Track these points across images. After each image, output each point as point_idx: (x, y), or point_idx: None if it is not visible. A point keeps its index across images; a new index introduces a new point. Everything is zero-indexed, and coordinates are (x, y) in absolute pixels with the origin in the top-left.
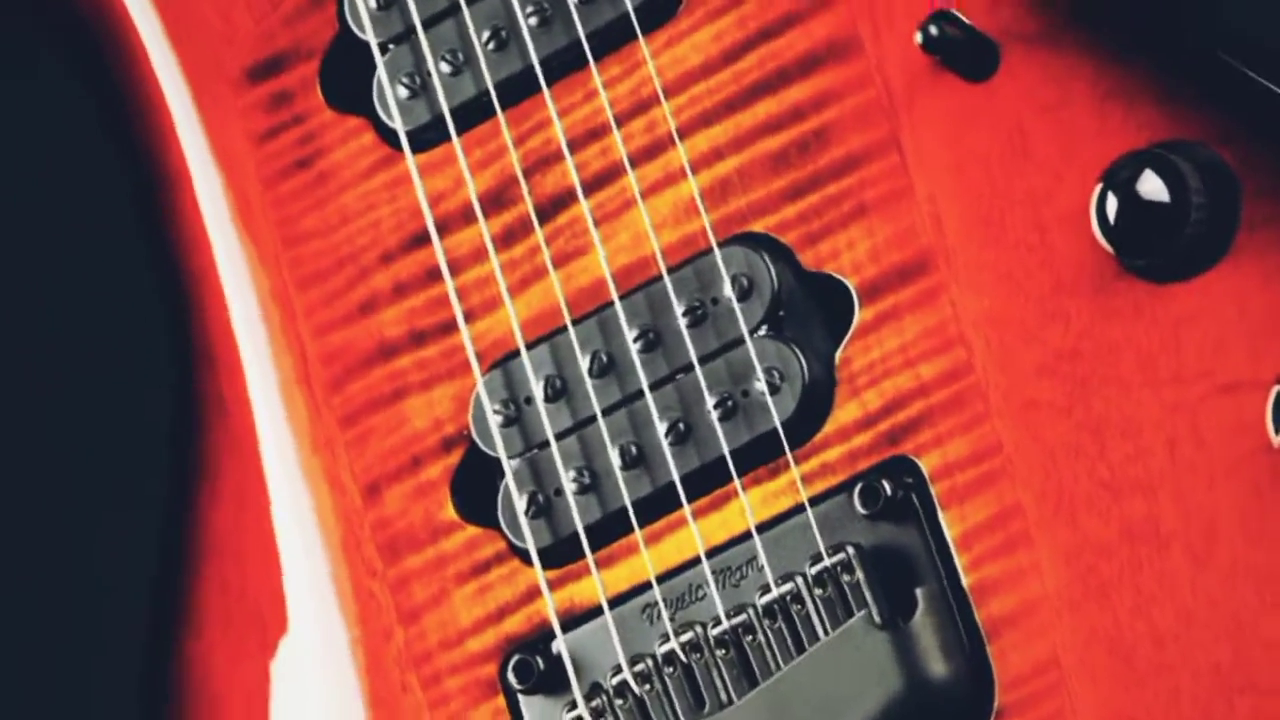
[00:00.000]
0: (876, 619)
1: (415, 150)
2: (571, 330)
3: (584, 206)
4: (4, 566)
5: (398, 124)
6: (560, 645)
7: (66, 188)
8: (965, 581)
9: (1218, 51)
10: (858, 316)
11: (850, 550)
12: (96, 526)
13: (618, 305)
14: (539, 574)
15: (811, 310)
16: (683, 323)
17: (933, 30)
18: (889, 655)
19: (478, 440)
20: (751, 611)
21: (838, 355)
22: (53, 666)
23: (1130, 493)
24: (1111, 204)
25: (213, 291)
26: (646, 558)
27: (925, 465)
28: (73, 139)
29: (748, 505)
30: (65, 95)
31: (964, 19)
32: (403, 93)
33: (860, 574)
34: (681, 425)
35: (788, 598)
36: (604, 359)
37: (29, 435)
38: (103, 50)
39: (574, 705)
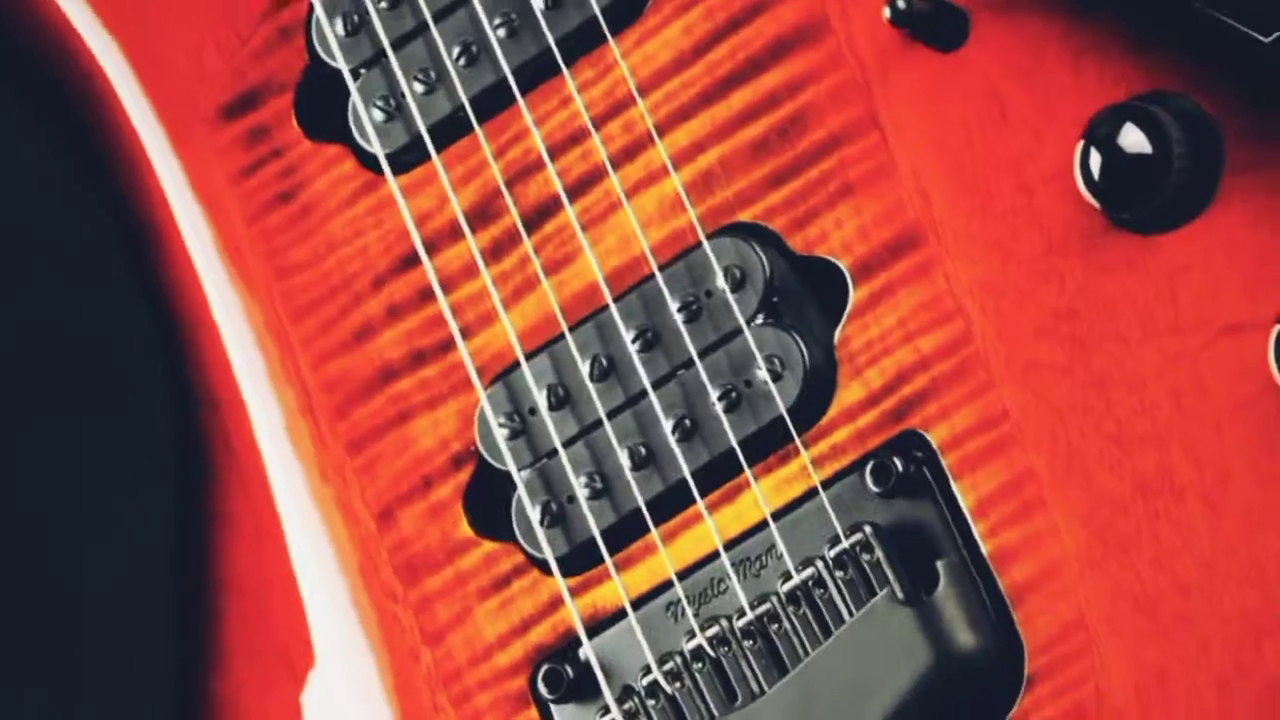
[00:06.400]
0: (899, 596)
1: (396, 172)
2: (569, 337)
3: (570, 212)
4: (22, 616)
5: (376, 148)
6: (588, 651)
7: (58, 240)
8: (985, 550)
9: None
10: (853, 296)
11: (867, 529)
12: (112, 574)
13: (613, 307)
14: (560, 582)
15: (806, 294)
16: (679, 319)
17: (900, 4)
18: (915, 631)
19: (486, 455)
20: (775, 600)
21: (836, 336)
22: (79, 711)
23: (1140, 446)
24: (1095, 159)
25: (208, 333)
26: (665, 556)
27: (934, 438)
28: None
29: (761, 494)
30: (48, 146)
31: None
32: (379, 116)
33: (879, 552)
34: (687, 421)
35: (810, 583)
36: (604, 362)
37: (40, 489)
38: (76, 102)
39: (607, 710)
